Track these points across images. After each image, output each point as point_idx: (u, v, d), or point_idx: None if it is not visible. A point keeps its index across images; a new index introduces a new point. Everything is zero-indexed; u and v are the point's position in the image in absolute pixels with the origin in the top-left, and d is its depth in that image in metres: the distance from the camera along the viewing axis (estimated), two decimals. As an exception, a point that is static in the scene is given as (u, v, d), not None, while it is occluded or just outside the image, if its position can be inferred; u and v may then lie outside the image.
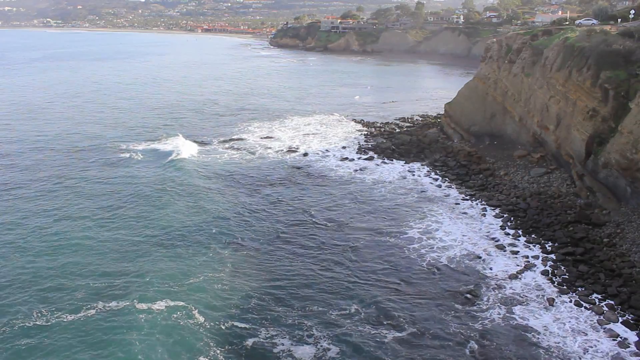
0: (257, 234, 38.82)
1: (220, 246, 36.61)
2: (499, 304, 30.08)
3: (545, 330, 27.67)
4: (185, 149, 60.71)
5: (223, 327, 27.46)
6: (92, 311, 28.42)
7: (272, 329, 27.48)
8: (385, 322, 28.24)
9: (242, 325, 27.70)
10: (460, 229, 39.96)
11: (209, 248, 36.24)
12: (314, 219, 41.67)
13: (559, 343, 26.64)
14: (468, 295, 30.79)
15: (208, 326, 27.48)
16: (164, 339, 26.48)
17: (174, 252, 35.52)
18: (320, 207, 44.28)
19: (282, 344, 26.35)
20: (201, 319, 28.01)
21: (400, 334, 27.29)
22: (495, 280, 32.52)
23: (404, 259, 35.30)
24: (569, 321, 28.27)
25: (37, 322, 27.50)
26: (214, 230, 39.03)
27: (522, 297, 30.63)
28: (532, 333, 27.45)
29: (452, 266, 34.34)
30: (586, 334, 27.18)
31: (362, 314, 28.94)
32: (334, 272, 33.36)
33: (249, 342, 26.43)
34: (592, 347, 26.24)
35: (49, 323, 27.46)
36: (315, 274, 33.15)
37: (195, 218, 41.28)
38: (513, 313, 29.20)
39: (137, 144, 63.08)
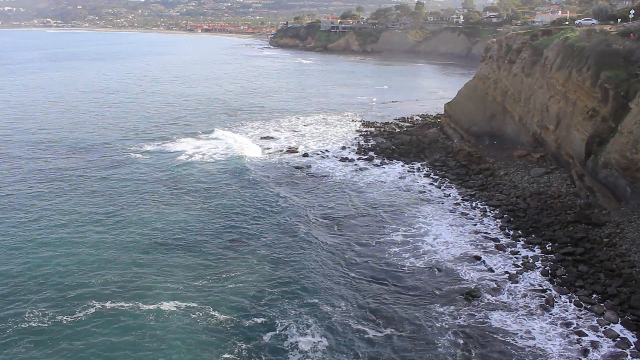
0: (257, 233, 38.77)
1: (221, 246, 36.59)
2: (498, 304, 30.03)
3: (544, 330, 27.61)
4: (185, 148, 60.84)
5: (226, 323, 27.53)
6: (102, 312, 28.39)
7: (268, 323, 27.58)
8: (378, 321, 28.17)
9: (242, 320, 27.74)
10: (459, 229, 39.91)
11: (209, 248, 36.22)
12: (313, 220, 41.62)
13: (558, 343, 26.58)
14: (467, 296, 30.74)
15: (209, 322, 27.54)
16: (175, 335, 26.61)
17: (175, 253, 35.51)
18: (319, 207, 44.24)
19: (280, 338, 26.39)
20: (205, 315, 28.08)
21: (393, 332, 27.23)
22: (494, 280, 32.47)
23: (403, 259, 35.26)
24: (569, 321, 28.22)
25: (46, 323, 27.44)
26: (214, 230, 39.03)
27: (521, 298, 30.57)
28: (532, 333, 27.38)
29: (451, 266, 34.28)
30: (586, 335, 27.12)
31: (358, 312, 28.87)
32: (331, 271, 33.29)
33: (248, 337, 26.49)
34: (592, 347, 26.18)
35: (58, 323, 27.42)
36: (314, 272, 33.06)
37: (195, 218, 41.25)
38: (512, 313, 29.14)
39: (138, 144, 63.00)
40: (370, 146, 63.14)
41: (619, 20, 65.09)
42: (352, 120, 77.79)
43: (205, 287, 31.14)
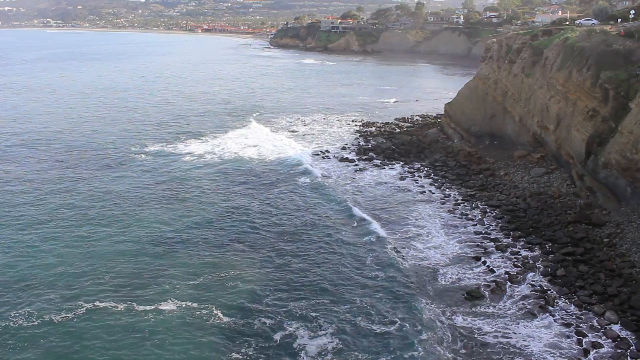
0: (258, 233, 38.78)
1: (224, 246, 36.60)
2: (498, 304, 30.03)
3: (544, 331, 27.59)
4: (186, 149, 60.89)
5: (232, 323, 27.55)
6: (103, 313, 28.39)
7: (271, 322, 27.62)
8: (384, 321, 28.18)
9: (248, 320, 27.80)
10: (459, 230, 39.90)
11: (212, 248, 36.22)
12: (314, 220, 41.62)
13: (558, 344, 26.58)
14: (467, 296, 30.73)
15: (214, 322, 27.59)
16: (181, 337, 26.63)
17: (177, 253, 35.51)
18: (320, 208, 44.22)
19: (281, 337, 26.42)
20: (207, 315, 28.17)
21: (396, 332, 27.23)
22: (495, 281, 32.42)
23: (404, 259, 35.22)
24: (569, 322, 28.20)
25: (43, 324, 27.42)
26: (214, 230, 39.04)
27: (521, 298, 30.55)
28: (531, 334, 27.36)
29: (451, 267, 34.25)
30: (586, 335, 27.10)
31: (363, 312, 28.89)
32: (335, 271, 33.29)
33: (257, 337, 26.52)
34: (592, 348, 26.15)
35: (61, 324, 27.43)
36: (317, 272, 33.06)
37: (196, 218, 41.27)
38: (513, 314, 29.13)
39: (140, 144, 63.02)
40: (370, 146, 63.10)
41: (619, 20, 65.05)
42: (352, 121, 77.75)
43: (209, 287, 31.12)
